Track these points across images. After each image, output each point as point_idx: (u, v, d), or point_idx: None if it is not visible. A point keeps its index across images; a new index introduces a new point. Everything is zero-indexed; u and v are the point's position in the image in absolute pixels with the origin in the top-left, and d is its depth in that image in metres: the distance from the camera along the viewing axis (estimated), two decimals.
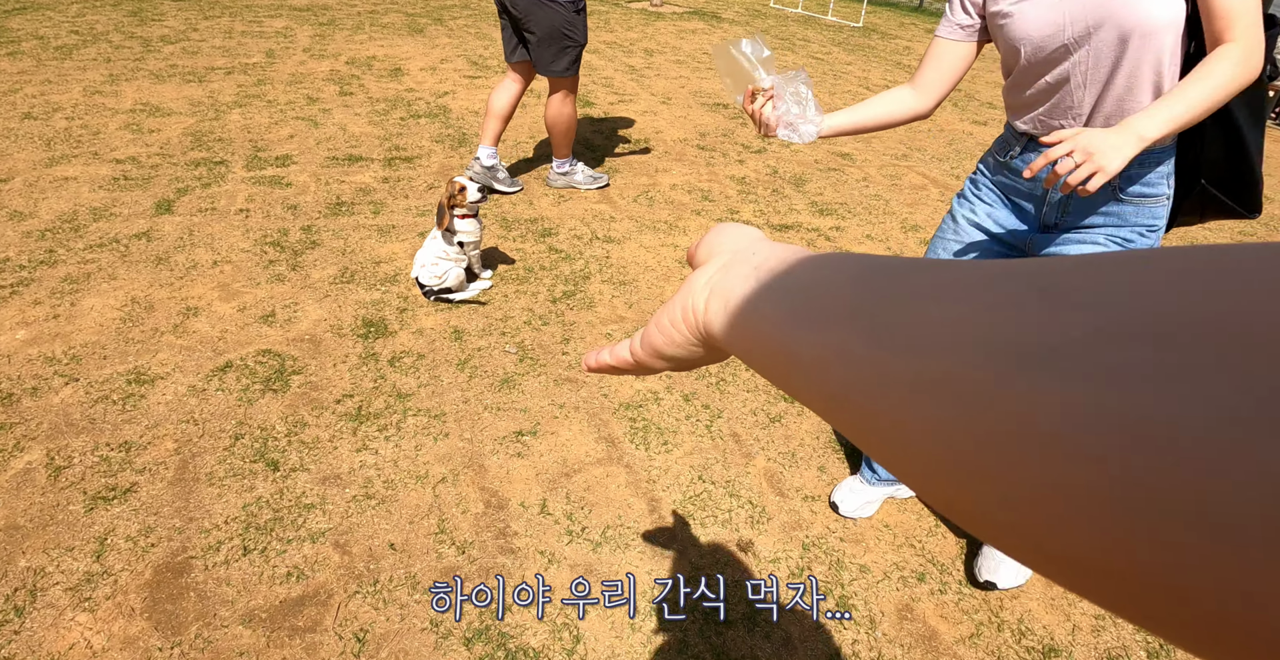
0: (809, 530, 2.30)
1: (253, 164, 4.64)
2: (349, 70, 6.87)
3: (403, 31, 8.77)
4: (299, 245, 3.71)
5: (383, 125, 5.49)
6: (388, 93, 6.28)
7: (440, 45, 8.17)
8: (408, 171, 4.70)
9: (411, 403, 2.68)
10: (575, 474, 2.42)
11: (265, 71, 6.60)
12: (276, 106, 5.72)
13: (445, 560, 2.08)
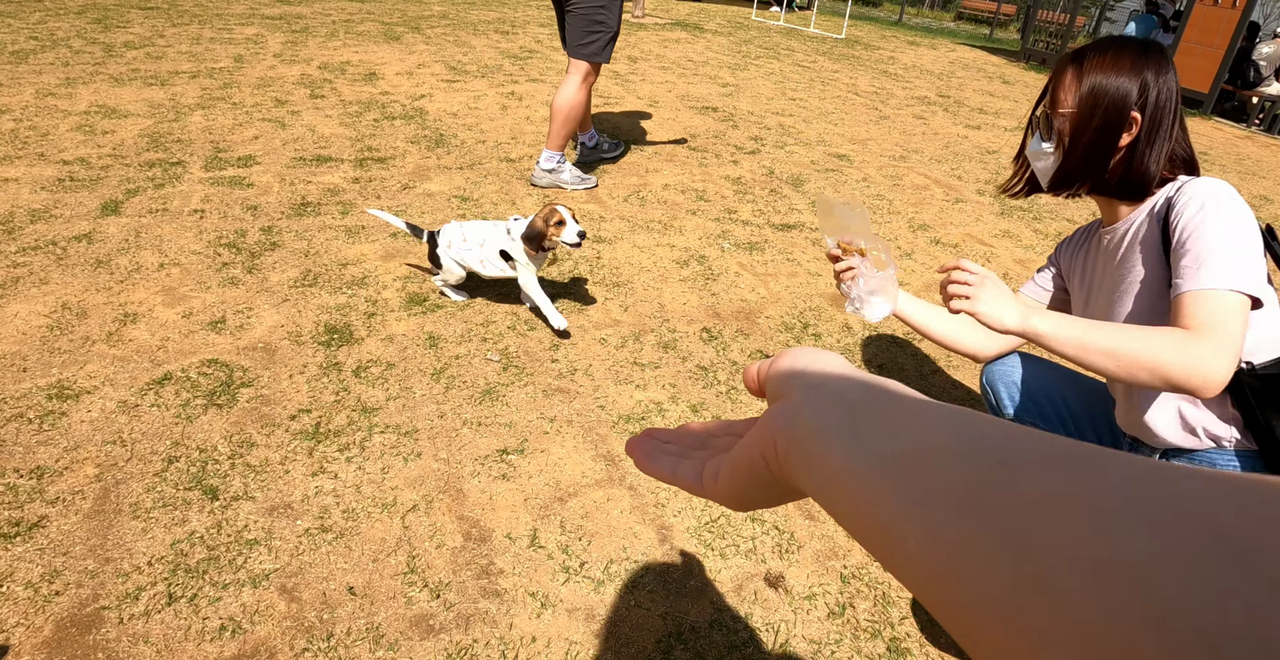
0: (846, 559, 1.96)
1: (212, 165, 4.28)
2: (321, 75, 6.54)
3: (378, 39, 8.47)
4: (257, 247, 3.35)
5: (355, 127, 5.16)
6: (361, 96, 5.96)
7: (417, 51, 7.88)
8: (380, 172, 4.36)
9: (379, 418, 2.32)
10: (570, 498, 2.07)
11: (232, 75, 6.26)
12: (242, 109, 5.38)
13: (416, 607, 1.72)
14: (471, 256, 2.82)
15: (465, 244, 2.81)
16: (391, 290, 3.07)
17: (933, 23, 17.03)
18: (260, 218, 3.66)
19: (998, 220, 4.57)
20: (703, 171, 4.85)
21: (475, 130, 5.31)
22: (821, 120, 6.52)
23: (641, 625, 1.72)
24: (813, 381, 0.38)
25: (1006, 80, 10.31)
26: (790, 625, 1.75)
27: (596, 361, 2.71)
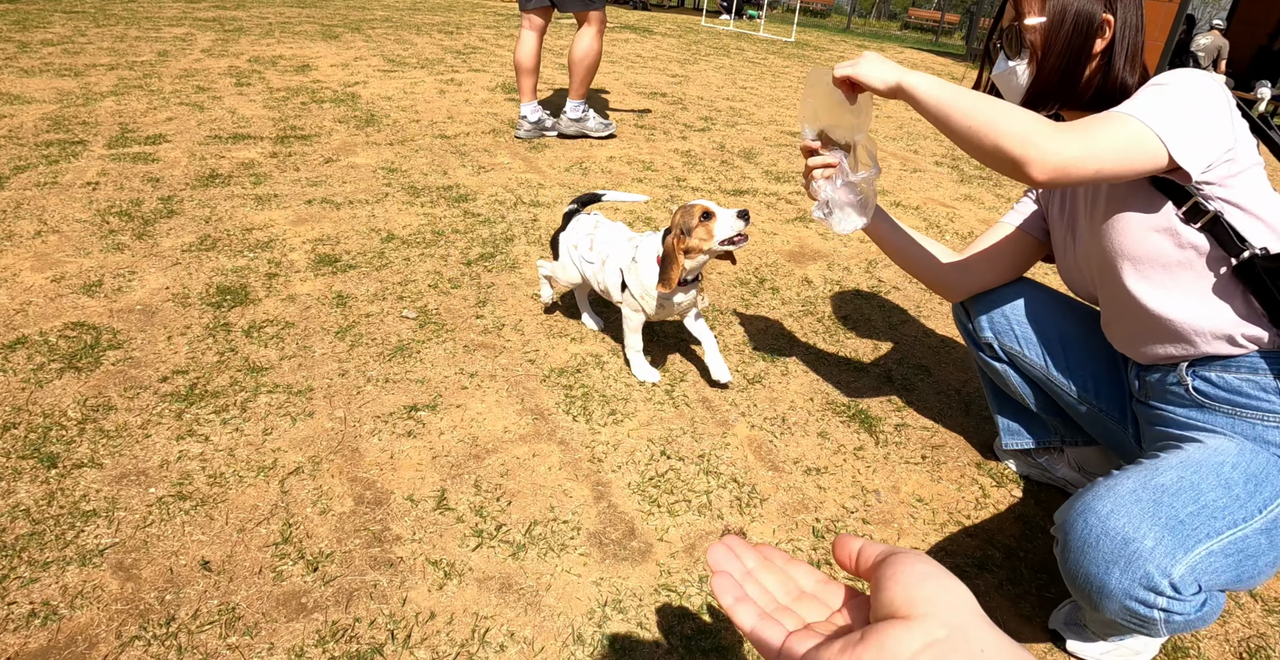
0: (819, 511, 1.66)
1: (116, 143, 3.90)
2: (250, 67, 6.18)
3: (315, 37, 8.14)
4: (152, 215, 2.99)
5: (280, 109, 4.81)
6: (291, 83, 5.61)
7: (355, 48, 7.56)
8: (302, 148, 4.02)
9: (267, 378, 1.97)
10: (488, 455, 1.75)
11: (154, 68, 5.87)
12: (159, 96, 4.99)
13: (287, 583, 1.38)
14: (588, 270, 2.09)
15: (590, 252, 2.07)
16: (300, 252, 2.73)
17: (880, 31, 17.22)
18: (161, 188, 3.30)
19: (957, 187, 4.38)
20: (650, 146, 4.59)
21: (410, 111, 4.99)
22: (773, 105, 6.34)
23: (570, 594, 1.39)
24: (947, 618, 0.39)
25: (955, 77, 10.32)
26: None
27: (527, 316, 2.39)
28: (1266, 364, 1.24)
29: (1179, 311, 1.26)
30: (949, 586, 0.41)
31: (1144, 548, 1.05)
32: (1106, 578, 1.07)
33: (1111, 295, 1.38)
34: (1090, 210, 1.39)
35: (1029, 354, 1.60)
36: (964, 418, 2.07)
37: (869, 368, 2.29)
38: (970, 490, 1.77)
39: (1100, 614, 1.13)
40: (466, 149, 4.21)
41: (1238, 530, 1.08)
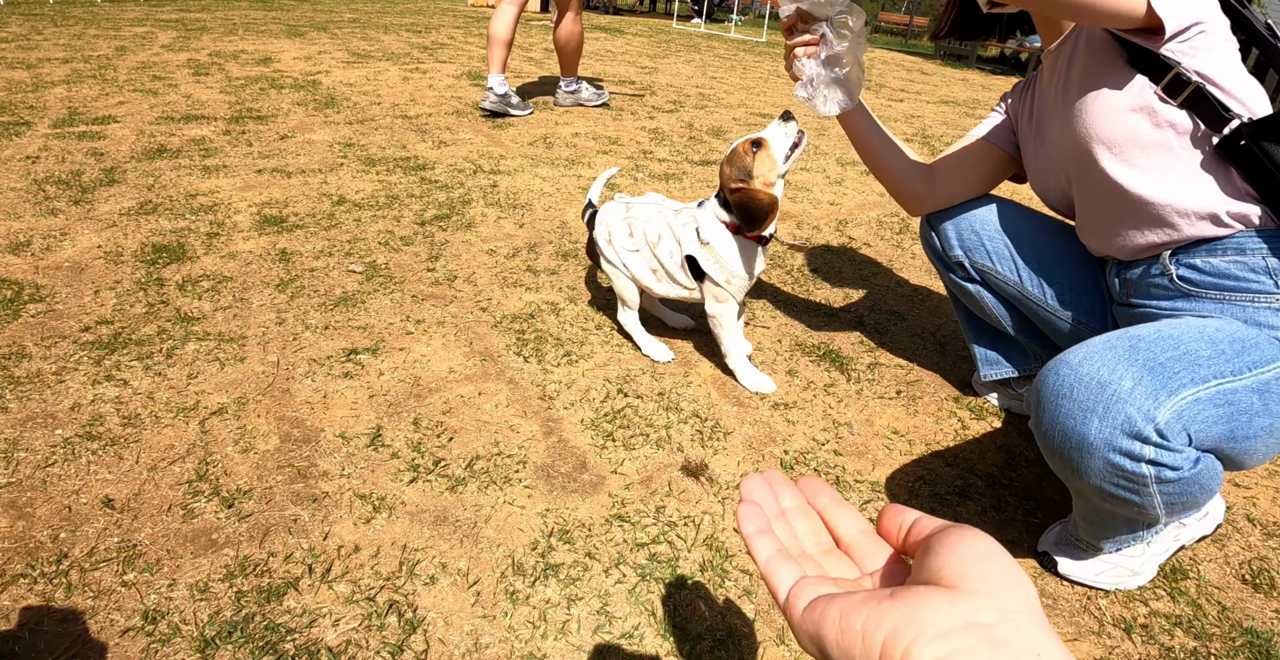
0: (788, 444, 1.54)
1: (62, 124, 3.75)
2: (211, 60, 6.03)
3: (280, 35, 8.00)
4: (91, 184, 2.84)
5: (237, 94, 4.67)
6: (251, 73, 5.47)
7: (319, 44, 7.43)
8: (256, 126, 3.88)
9: (198, 327, 1.84)
10: (430, 394, 1.62)
11: (110, 61, 5.70)
12: (113, 84, 4.84)
13: (197, 520, 1.24)
14: (638, 262, 1.71)
15: (631, 240, 1.71)
16: (245, 215, 2.59)
17: None
18: (104, 161, 3.15)
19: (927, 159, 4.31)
20: (617, 124, 4.50)
21: (371, 96, 4.87)
22: (743, 92, 6.28)
23: (511, 526, 1.27)
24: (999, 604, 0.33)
25: (924, 72, 10.37)
26: (716, 518, 1.32)
27: (482, 269, 2.27)
28: (1254, 243, 1.15)
29: (1161, 192, 1.17)
30: (1013, 572, 0.34)
31: (1122, 389, 0.95)
32: (1085, 429, 0.97)
33: (1089, 187, 1.29)
34: (1061, 100, 1.30)
35: (1001, 269, 1.51)
36: (940, 357, 1.97)
37: (840, 313, 2.18)
38: (949, 422, 1.67)
39: (1084, 483, 1.02)
40: (428, 127, 4.09)
41: (1225, 381, 0.99)
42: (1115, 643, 1.15)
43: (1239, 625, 1.21)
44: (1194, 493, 1.00)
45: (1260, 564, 1.35)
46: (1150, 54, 1.12)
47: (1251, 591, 1.29)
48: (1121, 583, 1.24)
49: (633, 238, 1.71)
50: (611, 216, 1.74)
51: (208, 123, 3.90)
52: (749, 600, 1.16)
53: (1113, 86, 1.17)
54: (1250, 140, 1.08)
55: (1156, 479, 0.96)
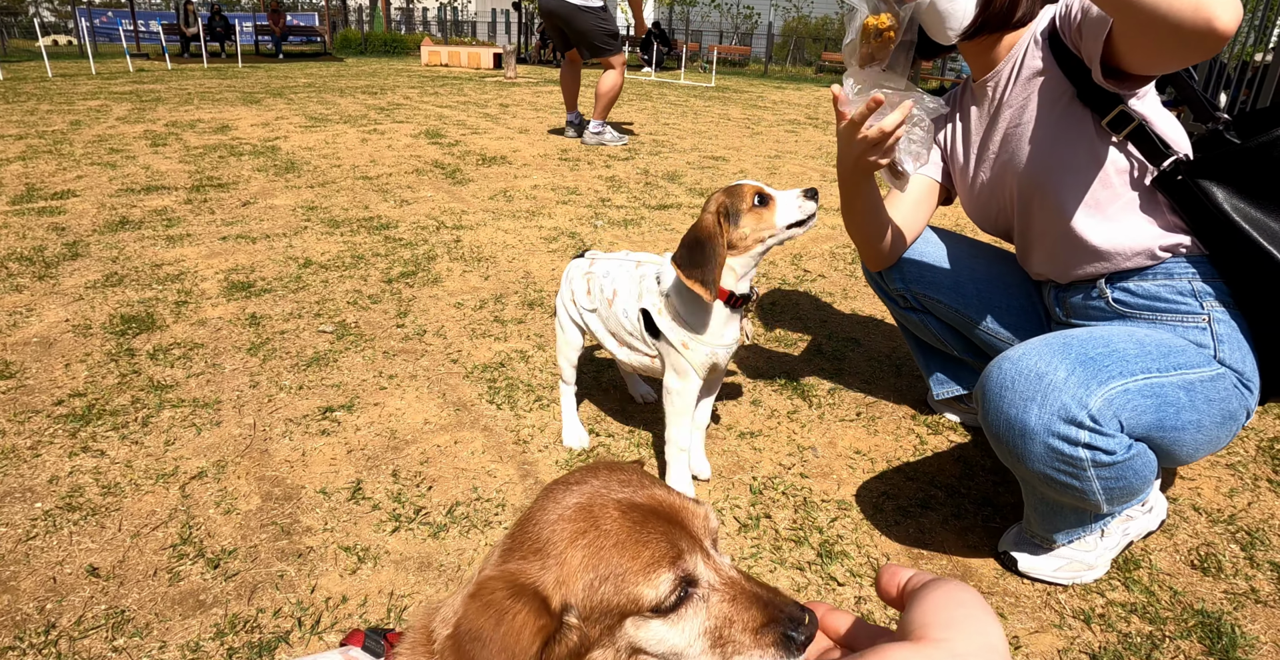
0: (755, 470, 1.61)
1: (21, 200, 3.76)
2: (167, 130, 6.09)
3: (236, 103, 8.09)
4: (55, 258, 2.86)
5: (196, 163, 4.73)
6: (209, 142, 5.54)
7: (276, 109, 7.53)
8: (218, 194, 3.93)
9: (172, 394, 1.87)
10: (407, 446, 1.66)
11: (65, 135, 5.73)
12: (70, 158, 4.87)
13: (184, 582, 1.27)
14: (596, 322, 1.55)
15: (589, 297, 1.55)
16: (212, 282, 2.63)
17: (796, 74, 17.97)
18: (66, 235, 3.17)
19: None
20: (574, 174, 4.62)
21: (331, 158, 4.96)
22: (695, 136, 6.49)
23: None
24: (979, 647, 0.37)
25: None
26: None
27: (450, 322, 2.33)
28: (1181, 268, 1.27)
29: (1102, 230, 1.29)
30: (981, 619, 0.38)
31: (1057, 379, 1.05)
32: (1026, 416, 1.06)
33: (1034, 216, 1.39)
34: (1002, 132, 1.39)
35: (943, 298, 1.60)
36: (896, 379, 2.06)
37: (798, 343, 2.27)
38: (908, 439, 1.75)
39: (1029, 469, 1.10)
40: (389, 187, 4.18)
41: (1153, 376, 1.08)
42: (1076, 633, 1.22)
43: (1190, 608, 1.29)
44: (1130, 479, 1.08)
45: (1207, 549, 1.44)
46: (1097, 90, 1.22)
47: (1201, 576, 1.37)
48: (1078, 577, 1.31)
49: (590, 295, 1.54)
50: (574, 272, 1.59)
51: (169, 193, 3.94)
52: None
53: (1061, 119, 1.28)
54: (1187, 177, 1.20)
55: (1093, 462, 1.05)
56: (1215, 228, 1.21)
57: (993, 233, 1.58)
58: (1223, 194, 1.19)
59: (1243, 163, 1.17)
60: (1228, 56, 10.24)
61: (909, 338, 1.80)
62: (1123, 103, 1.21)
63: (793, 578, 1.31)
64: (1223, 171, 1.19)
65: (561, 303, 1.61)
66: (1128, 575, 1.36)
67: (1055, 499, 1.19)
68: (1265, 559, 1.44)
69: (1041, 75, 1.31)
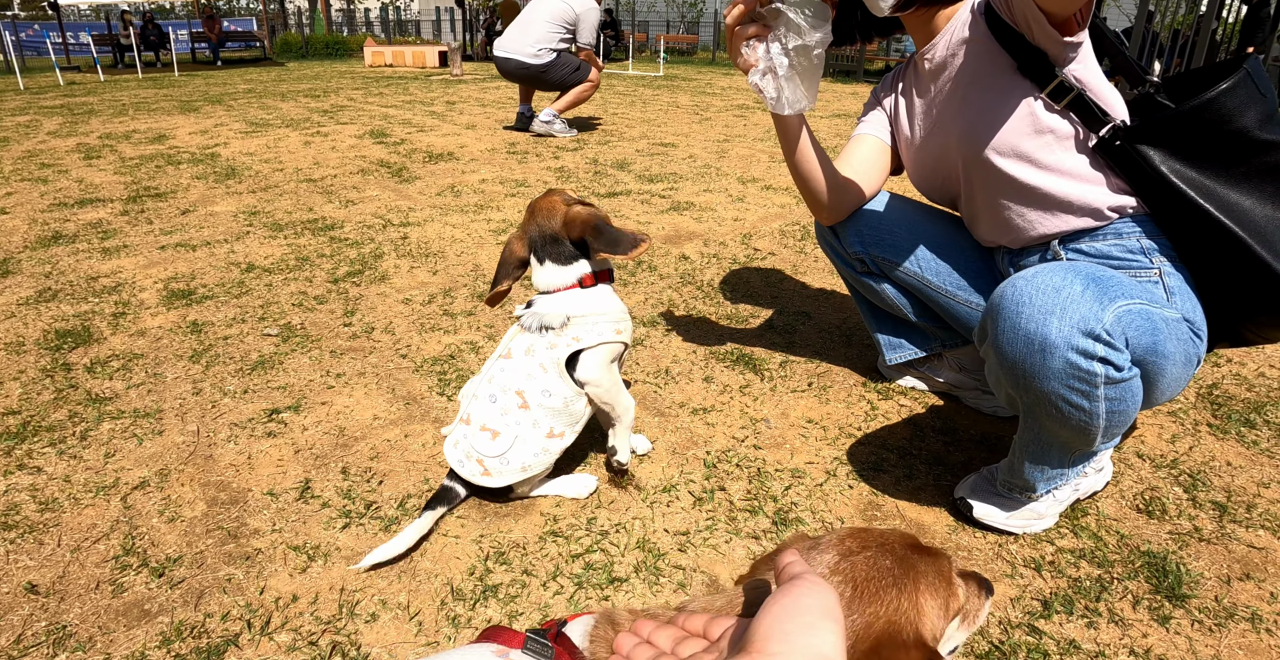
0: (709, 445, 1.61)
1: None
2: (101, 142, 5.91)
3: (173, 112, 7.88)
4: None
5: (132, 174, 4.60)
6: (145, 152, 5.38)
7: (215, 117, 7.35)
8: (156, 204, 3.83)
9: (111, 406, 1.81)
10: (357, 442, 1.64)
11: None
12: None
13: (129, 593, 1.23)
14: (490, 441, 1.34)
15: (494, 442, 1.33)
16: (151, 292, 2.56)
17: None
18: None
19: None
20: (523, 167, 4.59)
21: (273, 163, 4.85)
22: (644, 124, 6.48)
23: (447, 555, 1.29)
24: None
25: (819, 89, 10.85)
26: (646, 522, 1.37)
27: (399, 318, 2.30)
28: (1129, 228, 1.32)
29: (1051, 192, 1.32)
30: (816, 629, 0.38)
31: (1075, 292, 1.06)
32: (1047, 329, 1.06)
33: (979, 186, 1.41)
34: (947, 105, 1.42)
35: (901, 260, 1.62)
36: (847, 348, 2.07)
37: (750, 319, 2.28)
38: (859, 406, 1.77)
39: (1044, 388, 1.11)
40: (334, 188, 4.11)
41: (1145, 304, 1.12)
42: (1028, 581, 1.24)
43: (1137, 549, 1.32)
44: (1128, 403, 1.12)
45: (1152, 493, 1.47)
46: (1037, 62, 1.25)
47: (1146, 518, 1.41)
48: (1029, 526, 1.34)
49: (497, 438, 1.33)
50: (470, 411, 1.37)
51: (104, 205, 3.83)
52: (684, 592, 1.21)
53: (1003, 92, 1.30)
54: (1125, 142, 1.23)
55: (1106, 379, 1.07)
56: (1155, 188, 1.26)
57: (939, 202, 1.61)
58: (1159, 156, 1.23)
59: (1176, 126, 1.22)
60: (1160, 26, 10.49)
61: (861, 304, 1.81)
62: (1061, 74, 1.24)
63: (748, 547, 1.32)
64: (1158, 135, 1.24)
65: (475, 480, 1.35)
66: (1076, 522, 1.39)
67: (1054, 431, 1.19)
68: (1206, 499, 1.48)
69: (981, 48, 1.33)
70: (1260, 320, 1.26)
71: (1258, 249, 1.18)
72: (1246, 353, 2.14)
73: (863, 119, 1.66)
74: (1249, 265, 1.19)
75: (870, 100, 1.67)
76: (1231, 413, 1.80)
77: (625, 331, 1.39)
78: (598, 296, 1.37)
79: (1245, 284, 1.22)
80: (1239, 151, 1.20)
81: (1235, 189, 1.21)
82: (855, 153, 1.61)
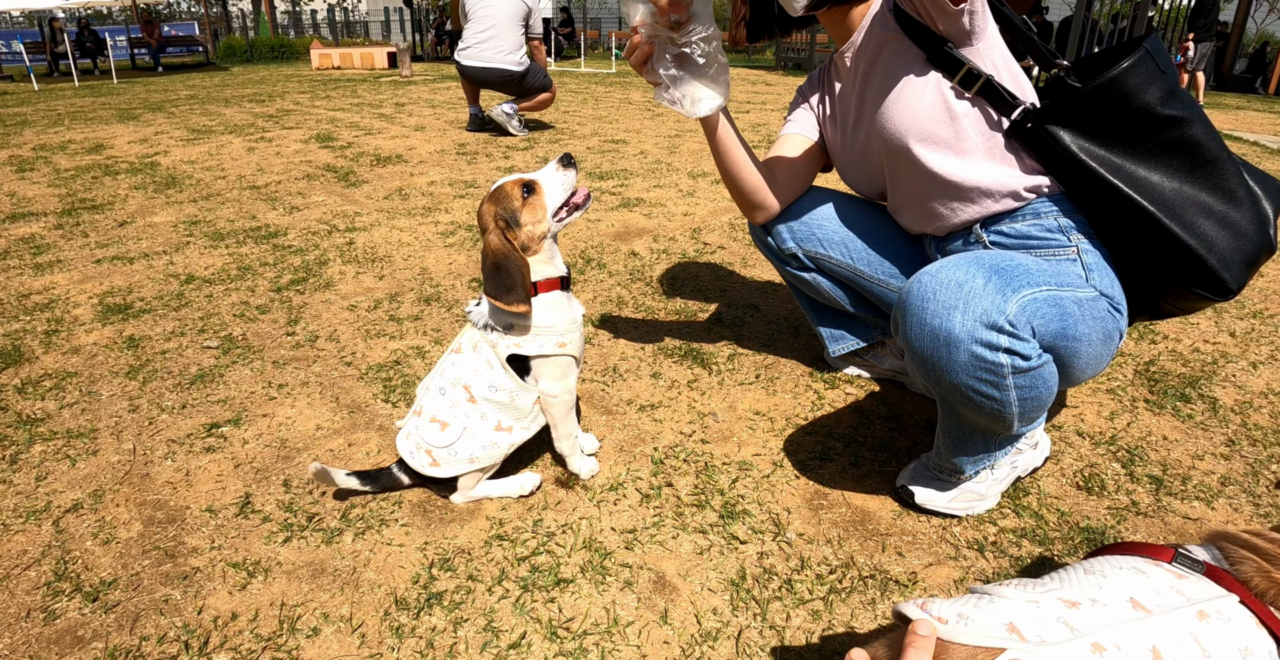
0: (656, 441, 1.61)
1: None
2: (35, 155, 5.72)
3: (111, 121, 7.66)
4: None
5: (67, 186, 4.45)
6: (81, 163, 5.22)
7: (155, 124, 7.16)
8: (91, 216, 3.71)
9: (43, 427, 1.75)
10: (299, 454, 1.61)
11: None
12: None
13: (61, 619, 1.19)
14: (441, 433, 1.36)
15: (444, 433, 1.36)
16: (85, 308, 2.49)
17: None
18: None
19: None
20: (472, 168, 4.54)
21: (215, 171, 4.74)
22: (596, 122, 6.46)
23: (391, 564, 1.28)
24: None
25: (768, 82, 10.92)
26: (593, 521, 1.37)
27: (343, 326, 2.26)
28: (1046, 207, 1.35)
29: (968, 177, 1.34)
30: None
31: (976, 286, 1.09)
32: (950, 324, 1.09)
33: (901, 176, 1.42)
34: (867, 100, 1.43)
35: (833, 253, 1.63)
36: (794, 339, 2.09)
37: (699, 314, 2.29)
38: (805, 396, 1.78)
39: (952, 381, 1.13)
40: (278, 194, 4.02)
41: (1052, 289, 1.15)
42: (971, 562, 1.27)
43: (1077, 526, 1.35)
44: (1040, 389, 1.14)
45: (1091, 470, 1.51)
46: (944, 52, 1.27)
47: (1085, 495, 1.44)
48: (971, 508, 1.36)
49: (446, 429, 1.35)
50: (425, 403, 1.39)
51: (36, 219, 3.70)
52: (630, 590, 1.20)
53: (916, 84, 1.32)
54: (1036, 123, 1.25)
55: (1013, 368, 1.10)
56: (1067, 168, 1.29)
57: (868, 196, 1.63)
58: (1069, 136, 1.26)
59: (1082, 106, 1.24)
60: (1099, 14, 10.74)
61: (801, 298, 1.82)
62: (966, 63, 1.26)
63: (695, 541, 1.32)
64: (1066, 116, 1.26)
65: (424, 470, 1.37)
66: (1018, 502, 1.42)
67: (971, 419, 1.22)
68: (1144, 473, 1.52)
69: (893, 43, 1.36)
70: (1174, 291, 1.29)
71: (1167, 222, 1.21)
72: (1181, 329, 2.20)
73: (789, 118, 1.67)
74: (1160, 238, 1.22)
75: (796, 98, 1.68)
76: (1167, 388, 1.85)
77: (571, 344, 1.37)
78: (542, 306, 1.35)
79: (1158, 256, 1.25)
80: (1144, 128, 1.23)
81: (1143, 165, 1.24)
82: (782, 151, 1.63)
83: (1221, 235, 1.22)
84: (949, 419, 1.28)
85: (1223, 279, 1.22)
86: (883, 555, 1.29)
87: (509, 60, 5.25)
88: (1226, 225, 1.23)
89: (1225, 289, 1.23)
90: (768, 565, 1.26)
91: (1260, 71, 11.16)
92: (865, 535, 1.34)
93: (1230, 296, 1.25)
